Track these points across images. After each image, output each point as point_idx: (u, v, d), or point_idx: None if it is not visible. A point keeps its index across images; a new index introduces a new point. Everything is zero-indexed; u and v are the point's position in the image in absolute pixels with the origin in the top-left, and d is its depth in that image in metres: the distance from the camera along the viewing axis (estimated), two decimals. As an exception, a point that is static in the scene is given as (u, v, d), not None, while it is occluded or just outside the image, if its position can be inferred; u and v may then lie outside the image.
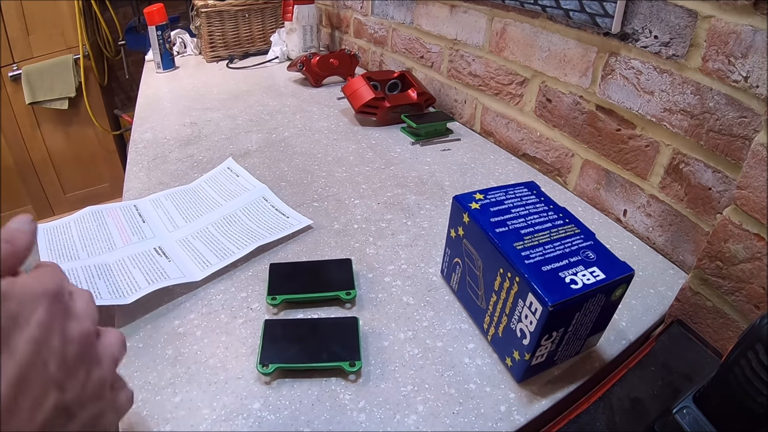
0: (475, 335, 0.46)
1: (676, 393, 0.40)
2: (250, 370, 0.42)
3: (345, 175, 0.73)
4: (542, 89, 0.72)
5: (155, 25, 1.17)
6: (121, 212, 0.62)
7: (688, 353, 0.44)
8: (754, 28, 0.44)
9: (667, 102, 0.54)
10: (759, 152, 0.38)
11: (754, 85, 0.45)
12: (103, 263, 0.52)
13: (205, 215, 0.62)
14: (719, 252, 0.42)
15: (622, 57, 0.58)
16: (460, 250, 0.46)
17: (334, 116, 0.95)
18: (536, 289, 0.36)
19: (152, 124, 0.91)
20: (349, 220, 0.63)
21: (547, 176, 0.75)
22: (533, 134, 0.76)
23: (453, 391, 0.41)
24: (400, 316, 0.48)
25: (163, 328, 0.46)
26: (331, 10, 1.37)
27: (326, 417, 0.38)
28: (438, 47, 0.94)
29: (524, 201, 0.45)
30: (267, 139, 0.85)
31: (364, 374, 0.42)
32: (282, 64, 1.27)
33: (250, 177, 0.70)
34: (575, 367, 0.43)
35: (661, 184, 0.57)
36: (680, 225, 0.56)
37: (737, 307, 0.42)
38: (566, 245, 0.40)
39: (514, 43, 0.75)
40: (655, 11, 0.53)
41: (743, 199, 0.40)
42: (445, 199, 0.67)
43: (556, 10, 0.64)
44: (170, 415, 0.38)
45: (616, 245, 0.60)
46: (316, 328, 0.44)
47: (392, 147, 0.82)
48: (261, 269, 0.54)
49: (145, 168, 0.75)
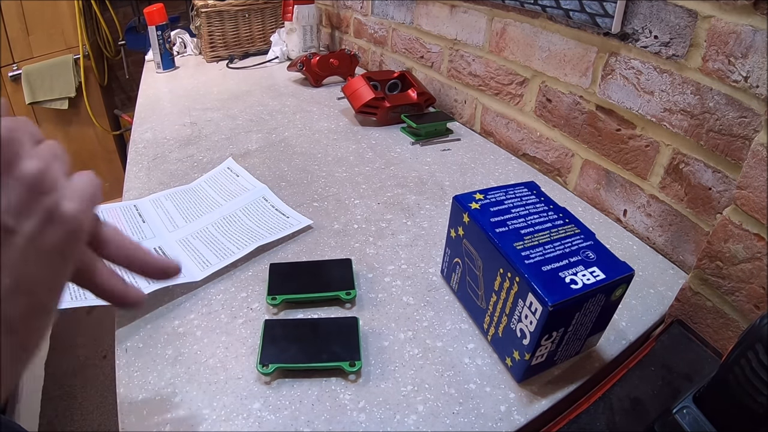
0: (475, 335, 0.46)
1: (676, 393, 0.40)
2: (250, 370, 0.42)
3: (345, 175, 0.73)
4: (542, 89, 0.72)
5: (155, 25, 1.17)
6: (121, 212, 0.62)
7: (688, 353, 0.44)
8: (754, 28, 0.44)
9: (667, 102, 0.54)
10: (759, 152, 0.38)
11: (754, 85, 0.45)
12: (103, 263, 0.52)
13: (205, 215, 0.62)
14: (719, 252, 0.42)
15: (622, 57, 0.58)
16: (460, 250, 0.46)
17: (334, 116, 0.95)
18: (536, 289, 0.36)
19: (152, 124, 0.91)
20: (349, 220, 0.63)
21: (547, 176, 0.75)
22: (533, 134, 0.76)
23: (453, 391, 0.41)
24: (400, 316, 0.48)
25: (163, 328, 0.46)
26: (331, 10, 1.37)
27: (326, 417, 0.38)
28: (438, 47, 0.94)
29: (524, 201, 0.45)
30: (267, 139, 0.85)
31: (364, 374, 0.42)
32: (282, 64, 1.27)
33: (250, 177, 0.70)
34: (575, 367, 0.43)
35: (661, 184, 0.57)
36: (680, 225, 0.56)
37: (737, 307, 0.42)
38: (566, 245, 0.40)
39: (514, 43, 0.75)
40: (655, 11, 0.53)
41: (743, 199, 0.40)
42: (445, 199, 0.67)
43: (556, 10, 0.64)
44: (170, 415, 0.38)
45: (616, 245, 0.60)
46: (316, 328, 0.44)
47: (392, 147, 0.82)
48: (261, 269, 0.54)
49: (145, 168, 0.75)
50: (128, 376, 0.42)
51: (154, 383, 0.41)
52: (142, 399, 0.39)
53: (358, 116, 0.92)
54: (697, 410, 0.33)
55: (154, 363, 0.43)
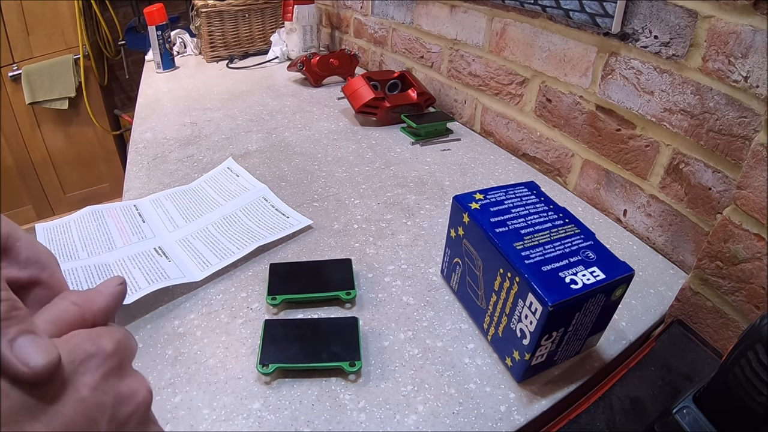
0: (475, 335, 0.46)
1: (676, 393, 0.40)
2: (250, 370, 0.42)
3: (345, 175, 0.73)
4: (542, 89, 0.72)
5: (155, 25, 1.17)
6: (121, 212, 0.62)
7: (688, 353, 0.44)
8: (754, 28, 0.44)
9: (667, 102, 0.54)
10: (759, 152, 0.38)
11: (754, 85, 0.45)
12: (103, 263, 0.52)
13: (205, 215, 0.62)
14: (719, 252, 0.42)
15: (622, 57, 0.58)
16: (460, 250, 0.46)
17: (334, 116, 0.95)
18: (536, 289, 0.36)
19: (152, 124, 0.91)
20: (349, 220, 0.63)
21: (547, 176, 0.75)
22: (533, 134, 0.76)
23: (453, 391, 0.41)
24: (400, 316, 0.48)
25: (163, 328, 0.46)
26: (331, 10, 1.37)
27: (326, 417, 0.38)
28: (438, 47, 0.94)
29: (524, 201, 0.45)
30: (267, 139, 0.85)
31: (364, 374, 0.42)
32: (282, 64, 1.27)
33: (250, 177, 0.70)
34: (575, 367, 0.43)
35: (661, 184, 0.57)
36: (680, 225, 0.56)
37: (737, 307, 0.42)
38: (566, 245, 0.40)
39: (514, 43, 0.75)
40: (655, 11, 0.53)
41: (743, 199, 0.40)
42: (445, 199, 0.67)
43: (556, 10, 0.64)
44: (170, 415, 0.38)
45: (616, 245, 0.60)
46: (316, 328, 0.44)
47: (392, 147, 0.82)
48: (261, 269, 0.54)
49: (145, 168, 0.75)
50: (128, 376, 0.41)
51: (154, 383, 0.41)
52: (142, 399, 0.39)
53: (358, 116, 0.92)
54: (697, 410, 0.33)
55: (154, 363, 0.43)
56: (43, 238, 0.56)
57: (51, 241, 0.55)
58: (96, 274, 0.50)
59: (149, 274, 0.50)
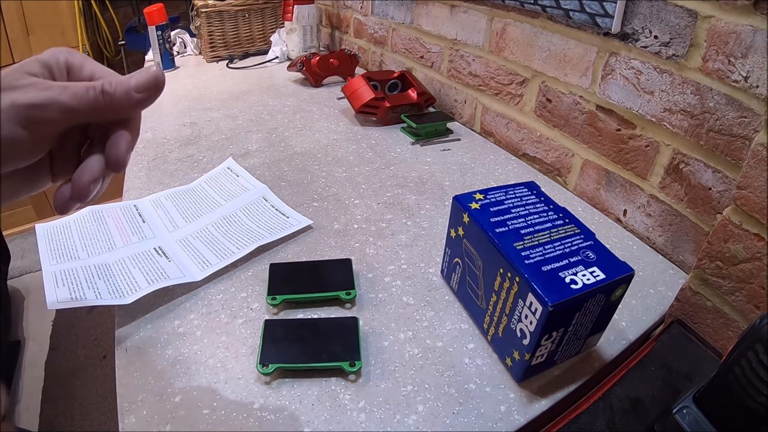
0: (475, 335, 0.46)
1: (676, 393, 0.40)
2: (250, 370, 0.42)
3: (345, 175, 0.73)
4: (542, 89, 0.72)
5: (155, 25, 1.17)
6: (121, 212, 0.62)
7: (688, 353, 0.44)
8: (754, 28, 0.44)
9: (667, 102, 0.54)
10: (759, 152, 0.38)
11: (754, 85, 0.45)
12: (103, 263, 0.52)
13: (205, 215, 0.62)
14: (719, 252, 0.42)
15: (622, 57, 0.58)
16: (460, 250, 0.46)
17: (334, 116, 0.95)
18: (536, 289, 0.36)
19: (152, 124, 0.91)
20: (349, 220, 0.63)
21: (547, 176, 0.75)
22: (533, 134, 0.76)
23: (453, 391, 0.41)
24: (400, 316, 0.48)
25: (163, 328, 0.46)
26: (331, 10, 1.37)
27: (326, 417, 0.38)
28: (438, 47, 0.94)
29: (524, 201, 0.45)
30: (267, 139, 0.85)
31: (364, 374, 0.42)
32: (282, 64, 1.27)
33: (250, 177, 0.70)
34: (575, 367, 0.43)
35: (661, 184, 0.57)
36: (680, 225, 0.56)
37: (737, 307, 0.42)
38: (566, 245, 0.40)
39: (514, 43, 0.75)
40: (655, 11, 0.53)
41: (743, 199, 0.40)
42: (445, 199, 0.67)
43: (556, 10, 0.64)
44: (170, 415, 0.38)
45: (616, 245, 0.60)
46: (316, 328, 0.44)
47: (392, 147, 0.82)
48: (261, 269, 0.54)
49: (145, 168, 0.75)
50: (128, 376, 0.42)
51: (154, 383, 0.41)
52: (142, 399, 0.39)
53: (358, 116, 0.92)
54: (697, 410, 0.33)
55: (154, 363, 0.43)
56: (43, 238, 0.56)
57: (51, 241, 0.55)
58: (96, 274, 0.50)
59: (149, 274, 0.50)
